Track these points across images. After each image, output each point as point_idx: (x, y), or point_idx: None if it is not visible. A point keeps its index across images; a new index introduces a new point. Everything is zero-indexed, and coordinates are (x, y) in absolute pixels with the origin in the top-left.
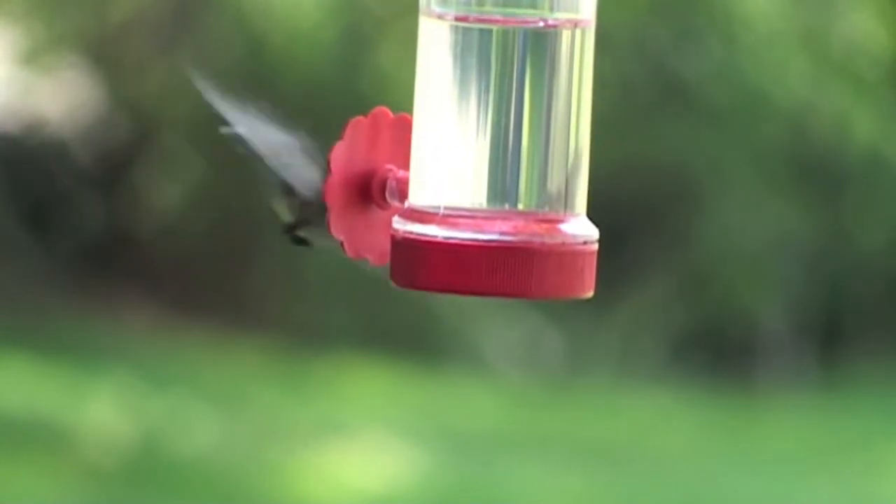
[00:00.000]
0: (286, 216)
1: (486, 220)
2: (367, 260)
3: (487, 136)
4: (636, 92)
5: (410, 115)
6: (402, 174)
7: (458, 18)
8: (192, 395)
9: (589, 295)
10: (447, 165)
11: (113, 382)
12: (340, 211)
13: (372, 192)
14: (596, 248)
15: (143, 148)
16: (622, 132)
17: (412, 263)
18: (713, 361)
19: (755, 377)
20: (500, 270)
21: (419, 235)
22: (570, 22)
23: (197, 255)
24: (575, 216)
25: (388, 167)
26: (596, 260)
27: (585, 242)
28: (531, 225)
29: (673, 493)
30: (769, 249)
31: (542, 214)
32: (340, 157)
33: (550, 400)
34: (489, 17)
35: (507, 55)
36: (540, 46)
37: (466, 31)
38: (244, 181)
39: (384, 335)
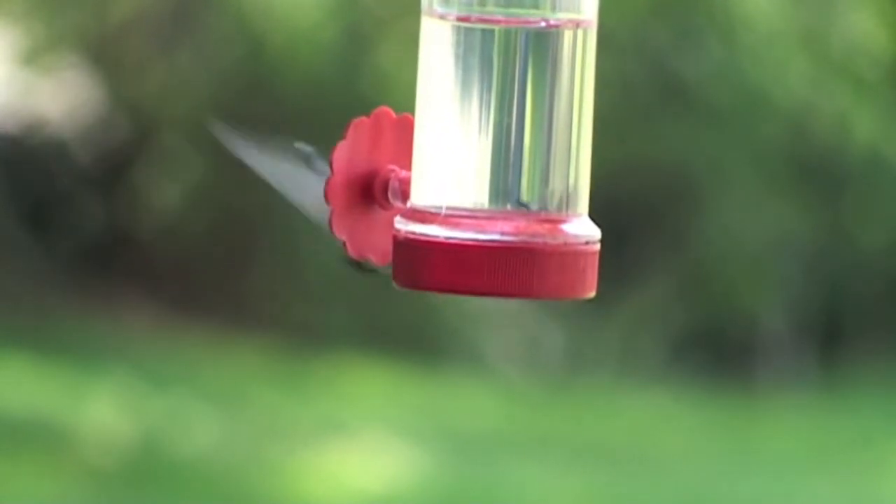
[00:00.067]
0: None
1: (487, 220)
2: (369, 260)
3: (489, 136)
4: (636, 92)
5: (412, 115)
6: (404, 174)
7: (460, 18)
8: (192, 395)
9: (591, 295)
10: (449, 165)
11: (113, 382)
12: (343, 211)
13: (374, 192)
14: (598, 248)
15: (143, 148)
16: (622, 132)
17: (414, 263)
18: (713, 361)
19: (755, 377)
20: (501, 270)
21: (421, 235)
22: (571, 22)
23: (197, 255)
24: (577, 216)
25: (390, 167)
26: (598, 260)
27: (587, 242)
28: (533, 225)
29: (673, 493)
30: (769, 249)
31: (544, 214)
32: (342, 157)
33: (550, 400)
34: (491, 17)
35: (509, 55)
36: (542, 46)
37: (468, 31)
38: (244, 181)
39: (384, 335)
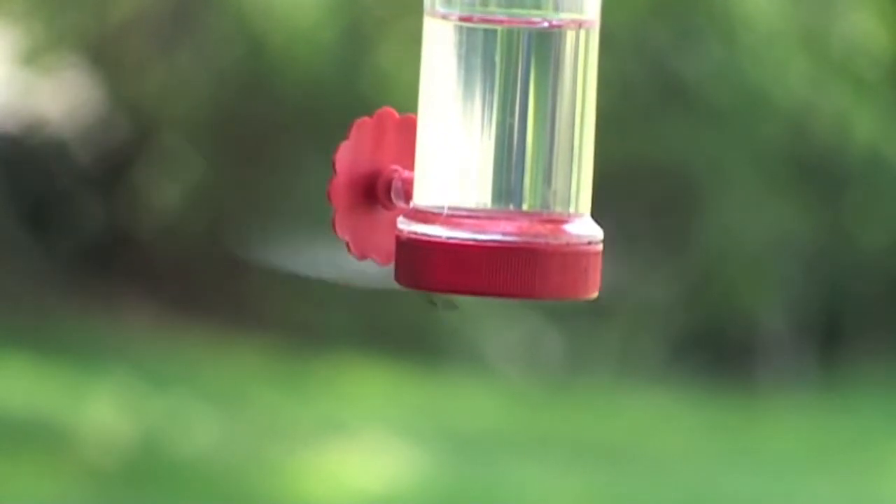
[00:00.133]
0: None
1: (489, 220)
2: (373, 260)
3: (492, 136)
4: (636, 92)
5: (415, 115)
6: (407, 174)
7: (462, 19)
8: (192, 395)
9: (594, 296)
10: (451, 166)
11: (113, 382)
12: (345, 211)
13: (377, 192)
14: (600, 248)
15: (143, 148)
16: (622, 132)
17: (416, 264)
18: (713, 361)
19: (755, 377)
20: (503, 271)
21: (423, 236)
22: (574, 22)
23: (197, 255)
24: (579, 216)
25: (393, 167)
26: (601, 260)
27: (590, 243)
28: (535, 225)
29: (673, 493)
30: (769, 249)
31: (546, 215)
32: (345, 157)
33: (550, 400)
34: (494, 17)
35: (511, 55)
36: (544, 47)
37: (471, 31)
38: (244, 181)
39: (384, 335)
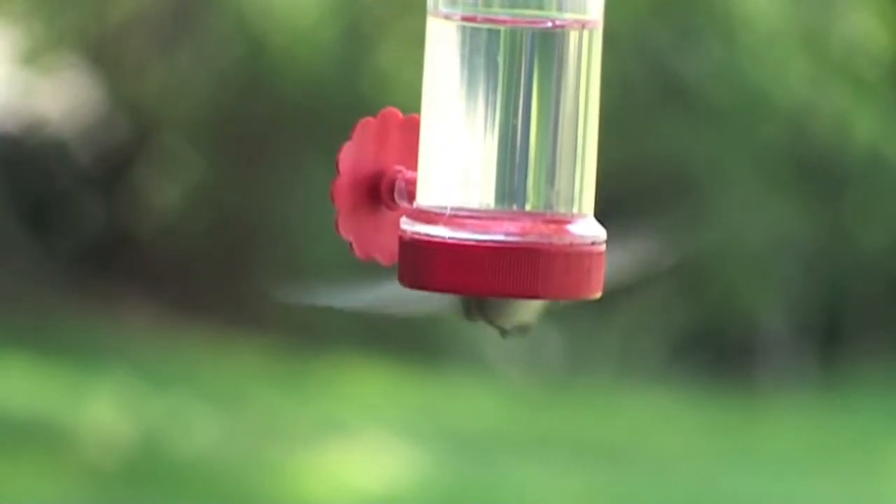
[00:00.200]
0: (502, 324)
1: (493, 220)
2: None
3: (495, 136)
4: (636, 92)
5: (418, 115)
6: (410, 175)
7: (465, 19)
8: (192, 395)
9: (597, 296)
10: (454, 166)
11: (113, 382)
12: (349, 212)
13: (381, 192)
14: (604, 248)
15: (143, 148)
16: (622, 132)
17: (419, 264)
18: (713, 361)
19: (755, 377)
20: (506, 271)
21: (426, 236)
22: (577, 22)
23: (197, 255)
24: (583, 217)
25: (396, 168)
26: (604, 260)
27: (593, 243)
28: (539, 226)
29: (673, 493)
30: (769, 249)
31: (549, 215)
32: (349, 157)
33: (550, 400)
34: (497, 17)
35: (514, 56)
36: (548, 47)
37: (474, 31)
38: (244, 181)
39: (384, 335)
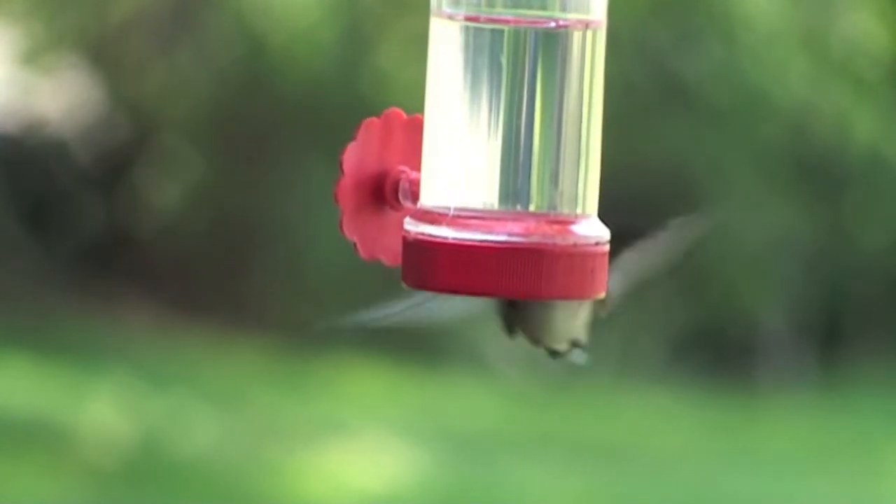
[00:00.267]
0: (548, 344)
1: (496, 221)
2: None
3: (498, 136)
4: (636, 92)
5: (422, 115)
6: (414, 175)
7: (468, 19)
8: (192, 395)
9: (600, 296)
10: (458, 166)
11: (113, 382)
12: (353, 212)
13: (385, 193)
14: (607, 248)
15: (143, 148)
16: (622, 132)
17: (423, 265)
18: (713, 361)
19: (755, 377)
20: (509, 272)
21: (430, 236)
22: (581, 22)
23: (197, 255)
24: (586, 217)
25: (400, 168)
26: (607, 260)
27: (597, 243)
28: (543, 226)
29: (673, 493)
30: (769, 249)
31: (553, 215)
32: (353, 158)
33: (550, 400)
34: (500, 17)
35: (518, 56)
36: (551, 47)
37: (478, 31)
38: (244, 181)
39: (384, 335)
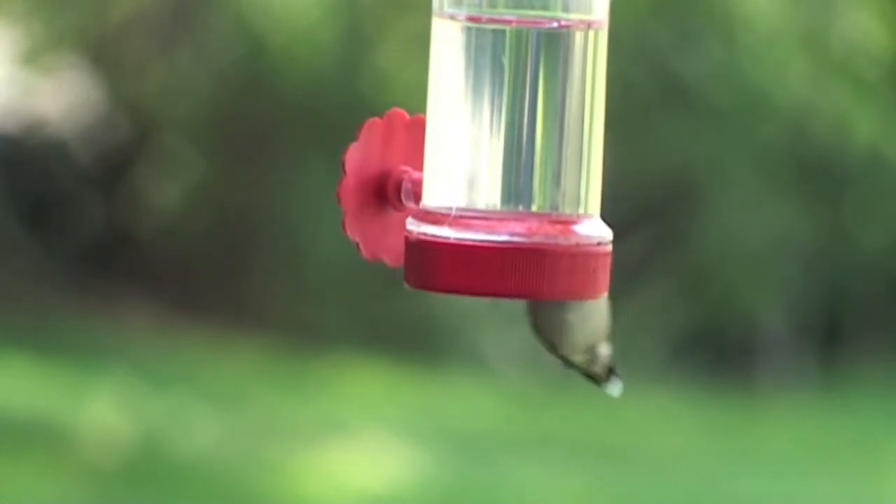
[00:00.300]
0: (573, 356)
1: (499, 221)
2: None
3: (501, 137)
4: (636, 92)
5: (424, 115)
6: (417, 175)
7: (470, 19)
8: (192, 395)
9: (603, 296)
10: (460, 166)
11: (113, 382)
12: (355, 213)
13: (387, 193)
14: (610, 248)
15: (143, 148)
16: (622, 132)
17: (425, 265)
18: (713, 361)
19: (755, 377)
20: (511, 272)
21: (432, 237)
22: (583, 23)
23: (197, 255)
24: (589, 217)
25: (403, 168)
26: (610, 261)
27: (600, 244)
28: (545, 226)
29: (673, 493)
30: (769, 249)
31: (555, 216)
32: (355, 158)
33: (550, 400)
34: (502, 17)
35: (520, 56)
36: (553, 47)
37: (480, 31)
38: (244, 181)
39: (384, 335)
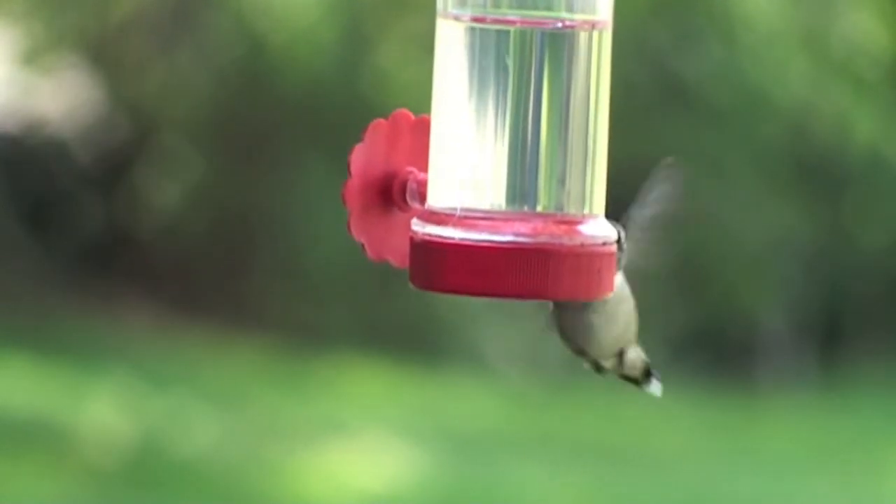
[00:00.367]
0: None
1: (503, 221)
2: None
3: (505, 137)
4: (636, 92)
5: (429, 116)
6: (422, 176)
7: (474, 20)
8: (192, 395)
9: (607, 296)
10: (465, 167)
11: (113, 382)
12: (360, 213)
13: (392, 194)
14: (615, 248)
15: (143, 148)
16: (622, 132)
17: (430, 265)
18: (713, 361)
19: (755, 377)
20: (516, 272)
21: (437, 237)
22: (587, 23)
23: (197, 255)
24: (593, 217)
25: (408, 169)
26: (615, 261)
27: (604, 243)
28: (550, 226)
29: (673, 493)
30: (769, 249)
31: (560, 216)
32: (360, 159)
33: (550, 400)
34: (506, 18)
35: (524, 56)
36: (557, 47)
37: (484, 32)
38: (244, 181)
39: (384, 335)
